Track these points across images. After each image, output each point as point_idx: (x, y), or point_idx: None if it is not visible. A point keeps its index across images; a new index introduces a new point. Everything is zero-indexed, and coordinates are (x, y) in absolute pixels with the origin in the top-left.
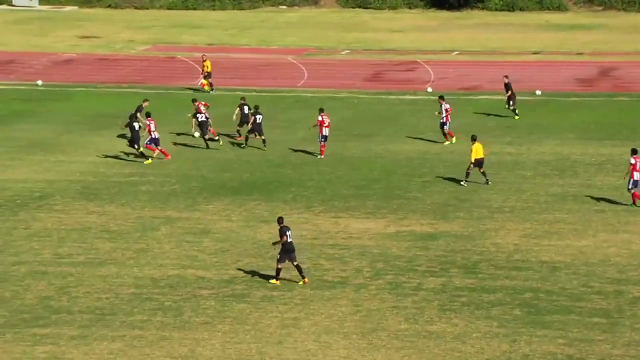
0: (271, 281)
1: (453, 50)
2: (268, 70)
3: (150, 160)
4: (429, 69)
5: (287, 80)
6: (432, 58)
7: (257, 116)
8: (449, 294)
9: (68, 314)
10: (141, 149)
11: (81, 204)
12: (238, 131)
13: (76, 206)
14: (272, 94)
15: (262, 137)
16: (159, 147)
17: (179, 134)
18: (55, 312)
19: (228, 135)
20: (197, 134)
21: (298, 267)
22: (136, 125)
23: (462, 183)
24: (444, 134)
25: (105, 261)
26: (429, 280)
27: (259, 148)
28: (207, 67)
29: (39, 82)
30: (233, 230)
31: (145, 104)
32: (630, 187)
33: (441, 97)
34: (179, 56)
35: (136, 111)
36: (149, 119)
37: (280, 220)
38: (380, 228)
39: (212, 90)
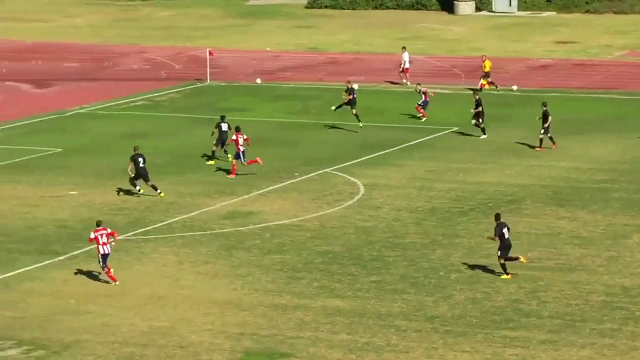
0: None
1: None
2: None
3: None
4: None
5: None
6: None
7: None
8: None
9: (538, 318)
10: None
11: (552, 209)
12: None
13: (546, 211)
14: None
15: None
16: None
17: None
18: (525, 316)
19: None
20: None
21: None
22: None
23: None
24: None
25: (575, 267)
26: None
27: None
28: (486, 67)
29: (514, 87)
30: None
31: None
32: None
33: None
34: None
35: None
36: None
37: (497, 216)
38: None
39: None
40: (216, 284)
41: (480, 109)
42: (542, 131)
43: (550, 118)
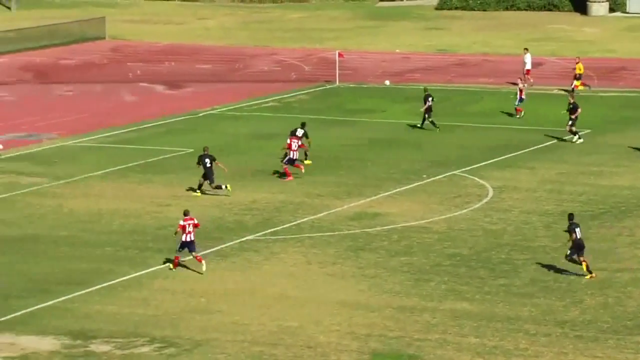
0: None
1: None
2: None
3: None
4: None
5: None
6: None
7: None
8: None
9: None
10: None
11: None
12: None
13: None
14: None
15: None
16: None
17: None
18: None
19: None
20: None
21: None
22: None
23: None
24: None
25: None
26: None
27: None
28: (579, 69)
29: None
30: None
31: None
32: None
33: None
34: None
35: None
36: None
37: (570, 216)
38: None
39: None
40: (344, 285)
41: (577, 112)
42: None
43: None
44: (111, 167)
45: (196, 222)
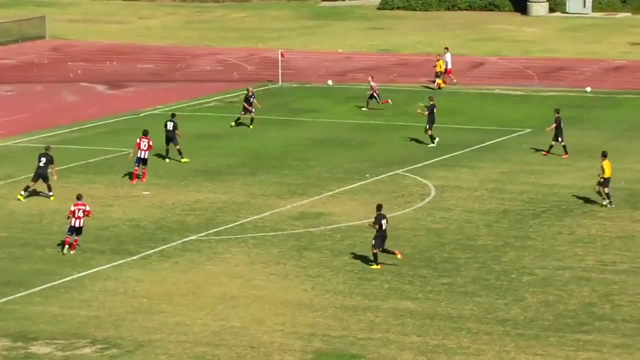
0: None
1: None
2: None
3: None
4: None
5: None
6: None
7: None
8: None
9: (611, 322)
10: None
11: (626, 212)
12: None
13: (621, 214)
14: None
15: None
16: None
17: None
18: (599, 319)
19: None
20: None
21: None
22: None
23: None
24: None
25: None
26: None
27: None
28: (439, 67)
29: (588, 89)
30: None
31: None
32: None
33: None
34: None
35: None
36: None
37: (378, 207)
38: None
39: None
40: (287, 285)
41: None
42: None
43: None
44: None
45: (88, 209)
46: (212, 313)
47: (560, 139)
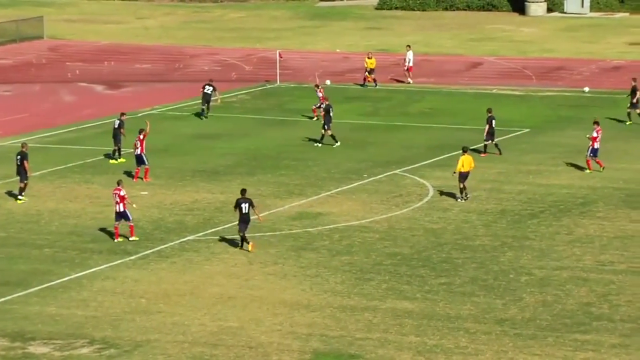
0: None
1: None
2: None
3: None
4: None
5: None
6: None
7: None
8: None
9: (609, 322)
10: None
11: (624, 212)
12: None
13: (619, 214)
14: None
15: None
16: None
17: None
18: (596, 319)
19: None
20: None
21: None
22: None
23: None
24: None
25: None
26: None
27: None
28: (371, 64)
29: (586, 89)
30: None
31: None
32: None
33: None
34: None
35: None
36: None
37: (242, 192)
38: None
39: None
40: (285, 285)
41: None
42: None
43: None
44: (50, 168)
45: (122, 194)
46: (210, 313)
47: (491, 140)
